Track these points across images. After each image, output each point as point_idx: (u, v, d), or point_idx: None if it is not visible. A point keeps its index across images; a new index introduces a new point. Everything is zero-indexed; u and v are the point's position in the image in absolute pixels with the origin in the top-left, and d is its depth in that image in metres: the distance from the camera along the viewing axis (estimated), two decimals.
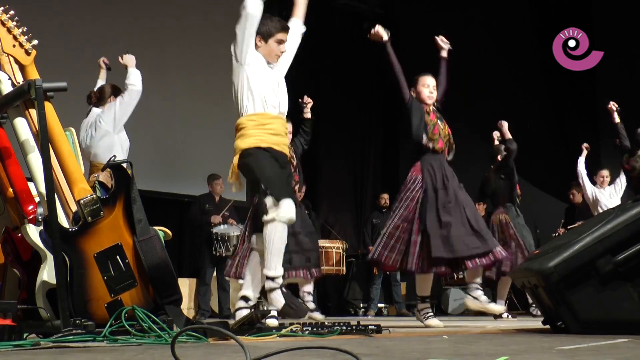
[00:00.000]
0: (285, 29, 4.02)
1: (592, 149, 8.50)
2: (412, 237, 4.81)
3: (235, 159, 3.93)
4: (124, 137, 5.34)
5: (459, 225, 4.76)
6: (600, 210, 7.66)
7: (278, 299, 3.73)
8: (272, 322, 4.16)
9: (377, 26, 5.20)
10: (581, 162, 8.26)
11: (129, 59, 5.41)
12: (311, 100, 6.43)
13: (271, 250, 3.73)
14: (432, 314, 5.07)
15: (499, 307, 5.53)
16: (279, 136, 3.96)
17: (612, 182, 8.19)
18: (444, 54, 5.27)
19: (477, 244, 4.73)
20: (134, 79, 5.30)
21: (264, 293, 3.87)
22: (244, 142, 3.90)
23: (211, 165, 9.01)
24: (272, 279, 3.75)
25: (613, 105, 7.34)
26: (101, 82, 5.72)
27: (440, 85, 5.20)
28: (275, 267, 3.74)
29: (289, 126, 5.13)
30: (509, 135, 7.01)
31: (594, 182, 8.29)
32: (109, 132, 5.23)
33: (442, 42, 5.26)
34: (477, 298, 4.99)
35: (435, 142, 5.05)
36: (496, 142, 7.35)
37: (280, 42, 4.00)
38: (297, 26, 4.19)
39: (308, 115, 6.39)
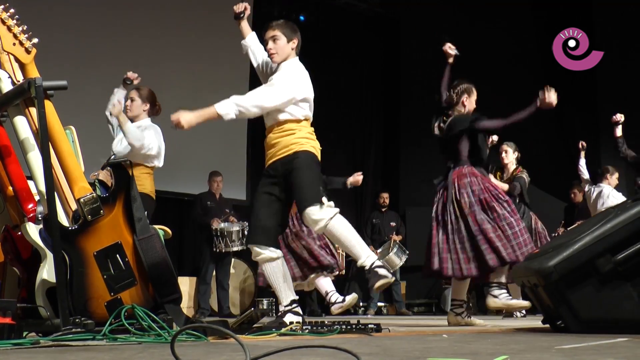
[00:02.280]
0: (266, 29, 4.01)
1: (592, 148, 8.49)
2: (458, 245, 4.83)
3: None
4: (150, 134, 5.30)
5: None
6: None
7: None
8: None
9: (448, 45, 5.14)
10: (582, 164, 8.23)
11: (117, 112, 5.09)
12: None
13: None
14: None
15: (522, 302, 5.36)
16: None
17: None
18: (451, 60, 5.24)
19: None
20: (131, 138, 5.03)
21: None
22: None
23: (211, 163, 9.02)
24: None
25: (618, 117, 7.32)
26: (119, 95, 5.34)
27: (445, 90, 5.18)
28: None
29: None
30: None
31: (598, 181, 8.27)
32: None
33: (450, 49, 5.24)
34: (498, 297, 4.96)
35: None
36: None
37: (267, 41, 4.00)
38: None
39: None
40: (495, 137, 7.07)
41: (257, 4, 10.28)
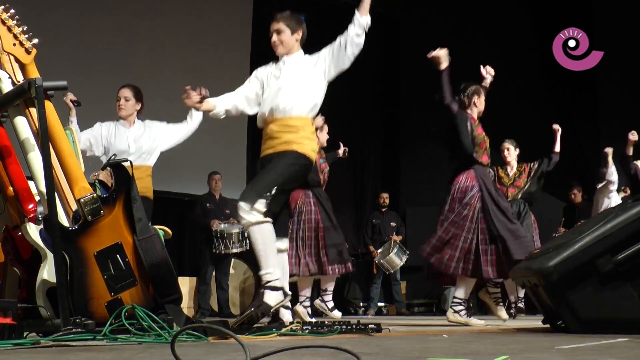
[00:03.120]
0: (271, 21, 4.02)
1: (592, 149, 8.48)
2: (479, 247, 4.82)
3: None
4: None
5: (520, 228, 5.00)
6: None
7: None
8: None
9: (440, 50, 5.08)
10: (613, 172, 8.12)
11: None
12: None
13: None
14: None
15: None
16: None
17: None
18: (486, 83, 5.29)
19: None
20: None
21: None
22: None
23: (211, 163, 9.01)
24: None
25: (633, 136, 7.30)
26: (73, 119, 5.10)
27: (450, 96, 5.20)
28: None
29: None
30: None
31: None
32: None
33: (488, 72, 5.30)
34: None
35: (481, 155, 5.10)
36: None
37: (271, 34, 4.01)
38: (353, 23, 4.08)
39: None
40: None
41: (257, 4, 10.29)
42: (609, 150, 7.75)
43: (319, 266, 5.91)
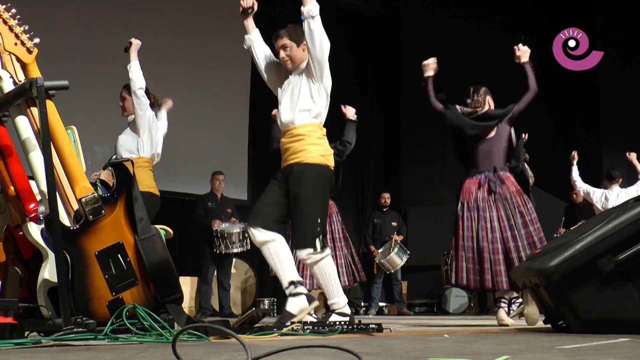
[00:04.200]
0: (275, 38, 4.05)
1: (593, 149, 8.49)
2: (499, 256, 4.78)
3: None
4: (147, 144, 5.31)
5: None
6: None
7: None
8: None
9: (430, 61, 5.16)
10: (575, 171, 8.23)
11: (136, 46, 5.27)
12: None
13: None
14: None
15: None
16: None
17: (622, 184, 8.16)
18: (431, 73, 5.26)
19: None
20: (133, 75, 5.20)
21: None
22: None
23: (213, 163, 9.02)
24: None
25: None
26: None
27: (435, 101, 5.20)
28: None
29: None
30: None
31: (597, 185, 8.26)
32: (134, 136, 5.27)
33: (430, 65, 5.27)
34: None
35: None
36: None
37: (278, 50, 4.02)
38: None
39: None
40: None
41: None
42: (633, 156, 7.81)
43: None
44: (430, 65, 5.21)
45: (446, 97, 5.42)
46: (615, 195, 7.96)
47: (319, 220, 3.79)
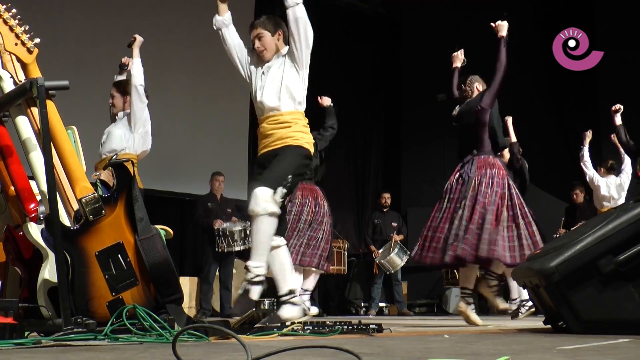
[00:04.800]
0: (250, 28, 4.07)
1: (593, 148, 8.48)
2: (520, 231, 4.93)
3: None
4: (139, 140, 5.31)
5: None
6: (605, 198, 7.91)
7: None
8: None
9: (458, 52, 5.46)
10: (586, 152, 8.27)
11: (139, 42, 5.31)
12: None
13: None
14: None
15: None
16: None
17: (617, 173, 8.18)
18: (459, 65, 5.47)
19: None
20: (135, 71, 5.24)
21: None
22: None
23: (213, 163, 9.02)
24: None
25: (618, 107, 7.32)
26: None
27: (456, 90, 5.38)
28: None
29: None
30: (513, 138, 7.15)
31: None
32: (127, 131, 5.27)
33: (459, 56, 5.49)
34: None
35: None
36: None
37: (253, 41, 4.05)
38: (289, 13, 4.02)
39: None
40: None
41: (258, 4, 10.29)
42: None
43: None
44: (459, 57, 5.49)
45: (446, 97, 5.44)
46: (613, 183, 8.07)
47: (289, 178, 3.76)
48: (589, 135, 8.26)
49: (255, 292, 3.70)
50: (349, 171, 11.75)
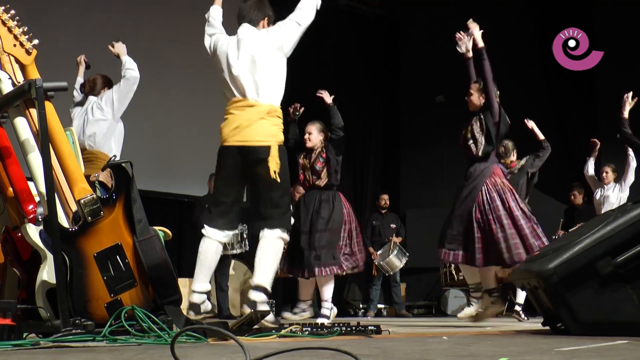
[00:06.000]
0: (239, 17, 4.33)
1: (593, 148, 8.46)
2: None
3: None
4: (121, 127, 5.38)
5: None
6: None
7: None
8: None
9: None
10: (591, 166, 8.24)
11: (121, 47, 5.44)
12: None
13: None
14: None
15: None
16: None
17: (617, 179, 8.15)
18: (470, 55, 5.54)
19: None
20: (130, 65, 5.33)
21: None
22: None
23: (211, 165, 8.99)
24: None
25: (629, 97, 7.14)
26: (80, 79, 5.80)
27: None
28: None
29: None
30: (541, 136, 7.19)
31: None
32: (107, 119, 5.28)
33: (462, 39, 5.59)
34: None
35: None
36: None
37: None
38: None
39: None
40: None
41: None
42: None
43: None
44: (463, 40, 5.63)
45: (445, 99, 5.44)
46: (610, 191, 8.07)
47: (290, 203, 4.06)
48: (595, 150, 8.19)
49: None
50: (348, 173, 11.74)
